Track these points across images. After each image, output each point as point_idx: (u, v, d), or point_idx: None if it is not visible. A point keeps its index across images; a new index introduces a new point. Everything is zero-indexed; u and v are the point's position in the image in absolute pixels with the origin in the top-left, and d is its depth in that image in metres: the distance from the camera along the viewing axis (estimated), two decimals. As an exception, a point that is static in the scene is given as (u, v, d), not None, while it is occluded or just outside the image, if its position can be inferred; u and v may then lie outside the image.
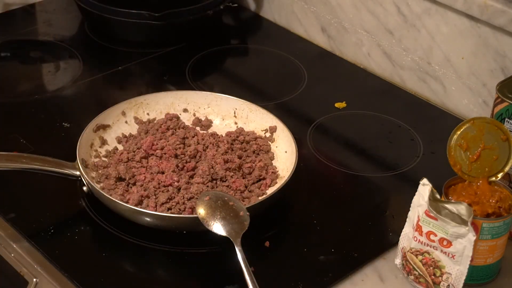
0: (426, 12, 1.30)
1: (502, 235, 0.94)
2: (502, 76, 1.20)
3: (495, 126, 0.96)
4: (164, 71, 1.40)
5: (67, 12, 1.57)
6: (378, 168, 1.18)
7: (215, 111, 1.21)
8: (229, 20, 1.60)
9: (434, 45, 1.31)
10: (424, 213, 0.91)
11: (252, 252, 0.95)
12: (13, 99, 1.30)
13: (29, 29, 1.52)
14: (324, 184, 1.15)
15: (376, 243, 1.03)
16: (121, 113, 1.18)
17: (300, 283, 0.95)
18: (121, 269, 0.99)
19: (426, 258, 0.93)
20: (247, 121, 1.20)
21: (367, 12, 1.40)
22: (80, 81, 1.35)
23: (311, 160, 1.18)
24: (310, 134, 1.24)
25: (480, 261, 0.95)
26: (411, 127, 1.27)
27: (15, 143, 1.17)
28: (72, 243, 1.00)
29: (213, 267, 0.98)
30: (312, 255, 1.00)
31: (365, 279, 0.98)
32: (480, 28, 1.22)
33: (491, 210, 0.94)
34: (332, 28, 1.47)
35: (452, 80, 1.31)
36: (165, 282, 0.98)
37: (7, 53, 1.45)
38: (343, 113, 1.31)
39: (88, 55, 1.43)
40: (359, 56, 1.45)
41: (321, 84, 1.39)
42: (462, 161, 0.97)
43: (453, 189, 0.98)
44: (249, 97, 1.23)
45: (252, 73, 1.44)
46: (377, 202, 1.12)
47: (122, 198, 1.03)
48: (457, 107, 1.32)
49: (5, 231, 1.02)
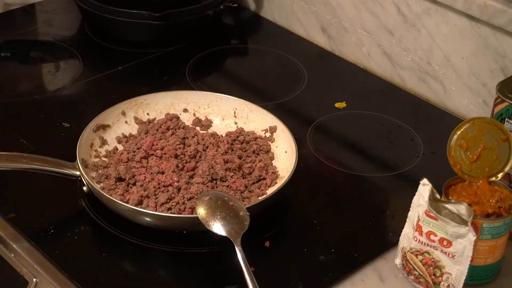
0: (426, 12, 1.30)
1: (502, 235, 0.94)
2: (502, 76, 1.20)
3: (495, 126, 0.96)
4: (164, 71, 1.40)
5: (67, 12, 1.57)
6: (378, 168, 1.18)
7: (215, 111, 1.21)
8: (229, 20, 1.60)
9: (434, 45, 1.31)
10: (424, 213, 0.91)
11: (252, 252, 0.95)
12: (13, 99, 1.30)
13: (29, 29, 1.52)
14: (324, 184, 1.15)
15: (376, 243, 1.03)
16: (121, 113, 1.18)
17: (300, 283, 0.95)
18: (121, 269, 0.99)
19: (426, 258, 0.93)
20: (247, 121, 1.20)
21: (367, 12, 1.40)
22: (80, 81, 1.35)
23: (311, 160, 1.18)
24: (310, 134, 1.24)
25: (480, 261, 0.95)
26: (411, 127, 1.27)
27: (15, 143, 1.17)
28: (72, 243, 1.00)
29: (213, 267, 0.98)
30: (312, 255, 1.00)
31: (365, 279, 0.98)
32: (480, 28, 1.22)
33: (491, 210, 0.94)
34: (332, 28, 1.47)
35: (452, 80, 1.31)
36: (165, 282, 0.98)
37: (7, 53, 1.45)
38: (343, 113, 1.31)
39: (88, 55, 1.43)
40: (359, 56, 1.45)
41: (321, 84, 1.39)
42: (462, 161, 0.97)
43: (453, 189, 0.98)
44: (249, 97, 1.23)
45: (252, 73, 1.44)
46: (377, 202, 1.12)
47: (122, 198, 1.03)
48: (457, 107, 1.32)
49: (5, 231, 1.02)
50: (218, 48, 1.49)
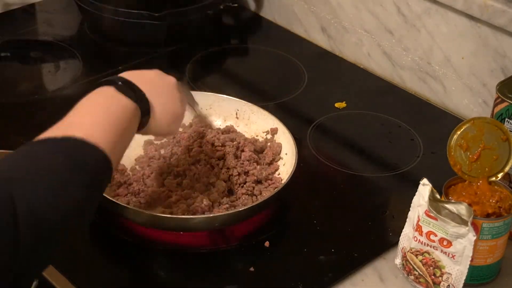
0: (426, 12, 1.30)
1: (502, 235, 0.94)
2: (502, 76, 1.20)
3: (495, 126, 0.96)
4: (164, 71, 1.40)
5: (67, 12, 1.57)
6: (378, 168, 1.18)
7: (217, 112, 1.21)
8: (229, 20, 1.59)
9: (434, 45, 1.31)
10: (424, 213, 0.91)
11: (252, 252, 0.96)
12: (13, 99, 1.30)
13: (29, 29, 1.52)
14: (324, 184, 1.15)
15: (376, 243, 1.03)
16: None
17: (300, 283, 0.95)
18: (121, 269, 0.99)
19: (426, 258, 0.93)
20: (248, 122, 1.19)
21: (367, 12, 1.40)
22: (80, 81, 1.35)
23: (311, 160, 1.18)
24: (310, 134, 1.24)
25: (480, 261, 0.95)
26: (411, 127, 1.27)
27: (15, 143, 1.16)
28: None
29: (213, 267, 0.98)
30: (312, 255, 1.00)
31: (365, 279, 0.98)
32: (480, 28, 1.22)
33: (491, 210, 0.94)
34: (332, 28, 1.47)
35: (452, 80, 1.31)
36: (165, 282, 0.98)
37: (7, 53, 1.45)
38: (343, 113, 1.31)
39: (88, 55, 1.43)
40: (359, 56, 1.45)
41: (321, 84, 1.39)
42: (462, 161, 0.97)
43: (453, 189, 0.98)
44: (249, 97, 1.23)
45: (252, 73, 1.44)
46: (377, 202, 1.12)
47: (122, 199, 1.03)
48: (457, 107, 1.32)
49: (5, 231, 1.01)
50: (218, 48, 1.49)
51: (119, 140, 0.81)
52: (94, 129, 0.78)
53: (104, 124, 0.80)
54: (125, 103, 0.85)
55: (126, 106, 0.85)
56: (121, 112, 0.83)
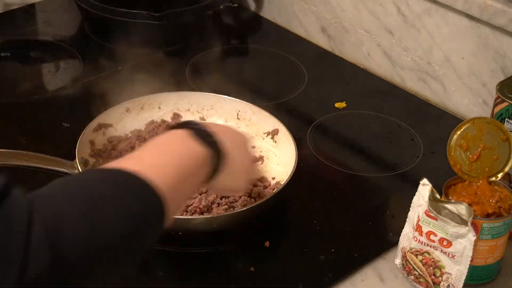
0: (426, 12, 1.30)
1: (502, 235, 0.94)
2: (502, 76, 1.20)
3: (495, 126, 0.96)
4: (164, 71, 1.40)
5: (67, 12, 1.57)
6: (378, 168, 1.18)
7: (218, 112, 1.21)
8: (229, 20, 1.60)
9: (434, 45, 1.31)
10: (424, 213, 0.91)
11: (252, 252, 0.95)
12: (13, 99, 1.30)
13: (29, 29, 1.52)
14: (324, 184, 1.15)
15: (376, 243, 1.03)
16: (122, 112, 1.17)
17: (300, 283, 0.95)
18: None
19: (426, 258, 0.93)
20: (249, 123, 1.19)
21: (367, 12, 1.40)
22: (80, 81, 1.35)
23: (311, 160, 1.18)
24: (310, 134, 1.24)
25: (480, 261, 0.95)
26: (411, 127, 1.27)
27: (15, 143, 1.17)
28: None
29: (213, 267, 0.98)
30: (312, 255, 1.00)
31: (365, 279, 0.98)
32: (480, 28, 1.22)
33: (491, 210, 0.94)
34: (332, 28, 1.47)
35: (452, 80, 1.31)
36: (165, 282, 0.98)
37: (7, 53, 1.45)
38: (343, 113, 1.31)
39: (88, 55, 1.43)
40: (359, 56, 1.45)
41: (321, 84, 1.39)
42: (462, 161, 0.97)
43: (453, 189, 0.98)
44: (249, 97, 1.23)
45: (252, 73, 1.44)
46: (377, 202, 1.12)
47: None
48: (457, 107, 1.32)
49: (5, 231, 1.01)
50: (218, 48, 1.49)
51: (181, 184, 0.73)
52: (153, 168, 0.69)
53: (166, 164, 0.72)
54: (197, 149, 0.78)
55: (197, 151, 0.78)
56: (190, 157, 0.76)
